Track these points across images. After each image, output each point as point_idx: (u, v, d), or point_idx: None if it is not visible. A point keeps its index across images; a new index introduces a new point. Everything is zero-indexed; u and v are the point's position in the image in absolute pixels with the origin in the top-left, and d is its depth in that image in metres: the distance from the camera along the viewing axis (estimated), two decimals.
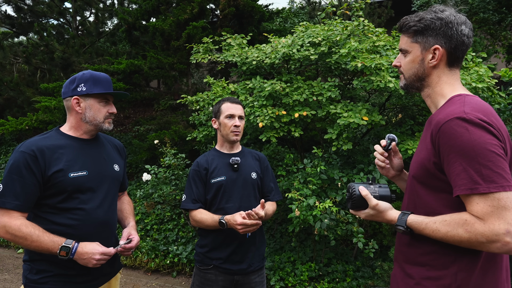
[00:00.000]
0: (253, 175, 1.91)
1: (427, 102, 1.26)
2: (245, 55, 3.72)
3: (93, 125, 1.58)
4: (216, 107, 1.96)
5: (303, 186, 3.10)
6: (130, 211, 1.80)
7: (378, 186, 1.25)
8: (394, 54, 3.04)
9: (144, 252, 4.14)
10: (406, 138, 3.15)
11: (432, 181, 1.13)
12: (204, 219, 1.79)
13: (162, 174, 4.08)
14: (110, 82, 1.60)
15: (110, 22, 8.35)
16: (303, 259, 3.59)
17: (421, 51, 1.19)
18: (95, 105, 1.57)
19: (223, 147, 1.97)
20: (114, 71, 5.22)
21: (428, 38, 1.17)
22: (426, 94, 1.25)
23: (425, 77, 1.21)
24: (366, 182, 1.28)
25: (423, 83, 1.23)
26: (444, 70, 1.20)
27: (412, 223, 1.14)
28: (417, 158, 1.19)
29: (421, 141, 1.21)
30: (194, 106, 3.80)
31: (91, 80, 1.55)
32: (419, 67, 1.20)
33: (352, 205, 1.24)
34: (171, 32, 5.27)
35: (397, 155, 1.40)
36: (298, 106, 3.24)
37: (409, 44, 1.22)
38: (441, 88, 1.20)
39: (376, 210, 1.21)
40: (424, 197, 1.16)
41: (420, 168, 1.16)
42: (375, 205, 1.20)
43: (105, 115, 1.60)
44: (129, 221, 1.75)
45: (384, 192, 1.24)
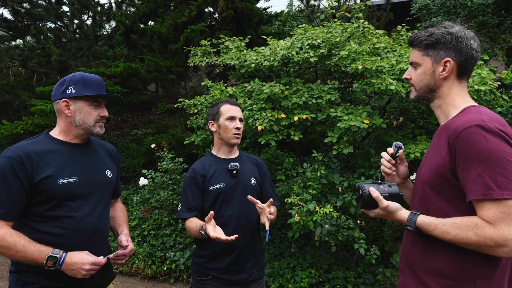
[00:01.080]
0: (252, 181, 1.84)
1: (436, 112, 1.29)
2: (243, 58, 3.67)
3: (83, 129, 1.52)
4: (214, 109, 1.88)
5: (303, 191, 3.03)
6: (124, 218, 1.73)
7: (388, 185, 1.25)
8: (394, 56, 3.00)
9: (141, 258, 4.05)
10: (408, 141, 3.09)
11: (447, 188, 1.14)
12: (191, 228, 1.70)
13: (159, 179, 4.02)
14: (102, 84, 1.54)
15: (108, 25, 8.29)
16: (303, 265, 3.51)
17: (432, 63, 1.23)
18: (85, 108, 1.50)
19: (221, 151, 1.89)
20: (111, 74, 5.16)
21: (439, 52, 1.22)
22: (436, 105, 1.27)
23: (436, 89, 1.25)
24: (375, 181, 1.26)
25: (434, 94, 1.26)
26: (454, 82, 1.23)
27: (422, 224, 1.15)
28: (431, 165, 1.20)
29: (434, 148, 1.23)
30: (192, 109, 3.74)
31: (81, 82, 1.49)
32: (430, 79, 1.24)
33: (362, 205, 1.24)
34: (169, 35, 5.22)
35: (403, 162, 1.42)
36: (298, 109, 3.19)
37: (420, 57, 1.26)
38: (453, 99, 1.23)
39: (386, 211, 1.21)
40: (437, 204, 1.17)
41: (434, 175, 1.16)
42: (385, 207, 1.21)
43: (96, 119, 1.53)
44: (122, 229, 1.67)
45: (394, 191, 1.24)
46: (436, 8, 6.54)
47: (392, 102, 3.78)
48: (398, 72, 2.87)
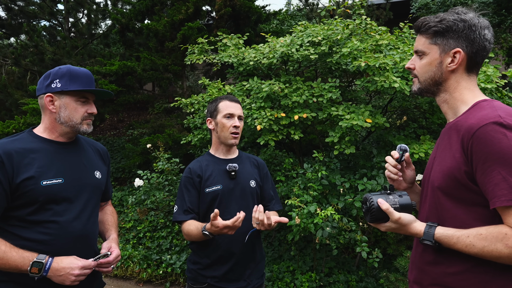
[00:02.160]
0: (252, 184, 1.72)
1: (442, 108, 1.17)
2: (241, 55, 3.57)
3: (69, 127, 1.40)
4: (212, 106, 1.77)
5: (303, 192, 2.93)
6: (113, 222, 1.61)
7: (398, 195, 1.12)
8: (398, 53, 2.91)
9: (136, 261, 3.94)
10: (411, 141, 3.00)
11: (462, 193, 1.03)
12: (190, 231, 1.60)
13: (155, 180, 3.90)
14: (91, 78, 1.42)
15: (104, 23, 8.17)
16: (303, 268, 3.41)
17: (440, 53, 1.11)
18: (71, 104, 1.38)
19: (219, 151, 1.77)
20: (106, 73, 5.05)
21: (449, 41, 1.09)
22: (442, 99, 1.15)
23: (442, 82, 1.13)
24: (384, 192, 1.13)
25: (440, 87, 1.14)
26: (463, 75, 1.11)
27: (441, 237, 1.03)
28: (442, 168, 1.08)
29: (444, 149, 1.11)
30: (188, 108, 3.64)
31: (67, 75, 1.37)
32: (437, 71, 1.12)
33: (371, 219, 1.11)
34: (166, 33, 5.12)
35: (410, 166, 1.30)
36: (298, 108, 3.09)
37: (427, 45, 1.13)
38: (461, 93, 1.11)
39: (398, 224, 1.08)
40: (452, 210, 1.05)
41: (447, 178, 1.05)
42: (397, 219, 1.08)
43: (83, 116, 1.41)
44: (110, 234, 1.55)
45: (405, 201, 1.11)
46: (436, 7, 6.48)
47: (394, 101, 3.70)
48: (402, 69, 2.78)
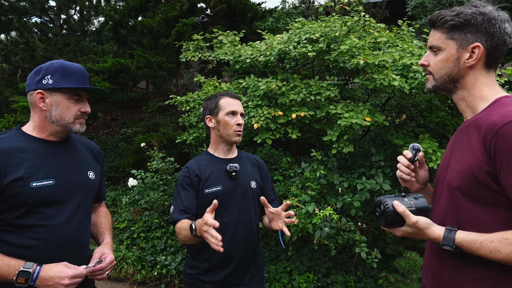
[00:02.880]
0: (253, 184, 1.66)
1: (460, 106, 1.11)
2: (238, 53, 3.51)
3: (61, 126, 1.32)
4: (212, 103, 1.68)
5: (301, 192, 2.89)
6: (107, 225, 1.54)
7: (413, 197, 1.06)
8: (397, 51, 2.87)
9: (130, 263, 3.86)
10: (410, 140, 2.97)
11: (483, 194, 0.97)
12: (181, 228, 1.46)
13: (149, 179, 3.83)
14: (85, 75, 1.34)
15: (97, 20, 8.03)
16: (301, 269, 3.37)
17: (457, 49, 1.05)
18: (64, 102, 1.30)
19: (218, 150, 1.69)
20: (99, 70, 4.94)
21: (467, 35, 1.04)
22: (459, 97, 1.10)
23: (459, 78, 1.07)
24: (398, 194, 1.08)
25: (457, 84, 1.09)
26: (482, 71, 1.06)
27: (463, 242, 0.97)
28: (461, 167, 1.02)
29: (462, 148, 1.05)
30: (184, 107, 3.56)
31: (60, 71, 1.29)
32: (454, 67, 1.07)
33: (386, 223, 1.05)
34: (160, 30, 5.03)
35: (423, 166, 1.23)
36: (295, 106, 3.04)
37: (443, 40, 1.07)
38: (480, 90, 1.06)
39: (415, 228, 1.02)
40: (472, 212, 0.99)
41: (466, 179, 0.99)
42: (414, 223, 1.01)
43: (76, 115, 1.33)
44: (104, 237, 1.47)
45: (421, 204, 1.05)
46: (432, 5, 6.48)
47: (391, 99, 3.66)
48: (401, 67, 2.75)
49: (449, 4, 6.39)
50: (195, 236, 1.39)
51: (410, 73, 2.68)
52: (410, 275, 2.36)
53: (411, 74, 2.67)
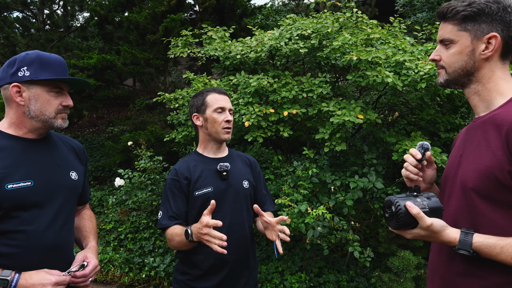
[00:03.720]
0: (245, 184, 1.59)
1: (472, 100, 1.06)
2: (228, 49, 3.43)
3: (41, 122, 1.22)
4: (199, 100, 1.61)
5: (293, 191, 2.83)
6: (92, 228, 1.44)
7: (426, 197, 0.99)
8: (389, 48, 2.84)
9: (117, 265, 3.75)
10: (401, 138, 2.95)
11: (503, 195, 0.91)
12: (174, 234, 1.42)
13: (136, 179, 3.72)
14: (64, 66, 1.25)
15: (82, 16, 7.81)
16: (292, 269, 3.32)
17: (472, 40, 1.00)
18: (43, 95, 1.20)
19: (207, 149, 1.61)
20: (84, 66, 4.79)
21: (481, 25, 0.98)
22: (473, 91, 1.04)
23: (474, 72, 1.02)
24: (409, 194, 1.00)
25: (471, 78, 1.03)
26: (497, 63, 1.01)
27: (481, 247, 0.91)
28: (477, 167, 0.96)
29: (478, 145, 0.99)
30: (172, 104, 3.47)
31: (37, 62, 1.19)
32: (469, 60, 1.01)
33: (398, 225, 0.97)
34: (147, 25, 4.90)
35: (432, 165, 1.17)
36: (287, 104, 2.98)
37: (455, 33, 1.02)
38: (496, 84, 1.01)
39: (429, 231, 0.95)
40: (489, 215, 0.94)
41: (484, 179, 0.93)
42: (429, 226, 0.94)
43: (57, 109, 1.23)
44: (88, 242, 1.37)
45: (434, 204, 0.98)
46: (420, 4, 6.52)
47: (382, 97, 3.64)
48: (394, 64, 2.71)
49: (437, 3, 6.44)
50: (190, 242, 1.33)
51: (403, 70, 2.65)
52: (404, 274, 2.34)
53: (404, 71, 2.64)
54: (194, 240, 1.32)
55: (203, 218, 1.25)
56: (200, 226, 1.26)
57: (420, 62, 2.63)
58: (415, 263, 2.34)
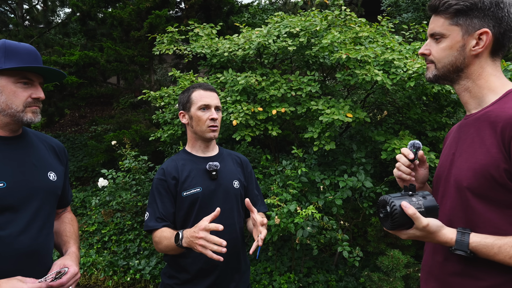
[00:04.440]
0: (236, 184, 1.53)
1: (463, 97, 1.04)
2: (215, 46, 3.37)
3: (9, 116, 1.13)
4: (185, 97, 1.54)
5: (282, 190, 2.80)
6: (73, 233, 1.35)
7: (421, 196, 0.96)
8: (378, 46, 2.83)
9: (100, 268, 3.63)
10: (390, 136, 2.95)
11: (498, 194, 0.89)
12: (163, 237, 1.35)
13: (121, 179, 3.61)
14: (35, 55, 1.15)
15: (63, 12, 7.57)
16: (281, 269, 3.29)
17: (463, 35, 0.97)
18: (9, 87, 1.11)
19: (196, 148, 1.55)
20: (65, 63, 4.63)
21: (473, 20, 0.95)
22: (463, 87, 1.02)
23: (463, 68, 1.00)
24: (404, 193, 0.97)
25: (460, 74, 1.01)
26: (487, 60, 0.98)
27: (479, 247, 0.88)
28: (472, 165, 0.94)
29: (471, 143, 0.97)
30: (158, 102, 3.38)
31: (1, 50, 1.09)
32: (458, 55, 0.99)
33: (393, 225, 0.94)
34: (131, 22, 4.77)
35: (424, 164, 1.14)
36: (276, 102, 2.94)
37: (446, 27, 0.99)
38: (487, 81, 0.98)
39: (425, 231, 0.92)
40: (484, 214, 0.91)
41: (479, 178, 0.91)
42: (425, 226, 0.91)
43: (26, 102, 1.14)
44: (68, 247, 1.28)
45: (430, 203, 0.95)
46: (405, 5, 6.61)
47: (369, 96, 3.65)
48: (383, 62, 2.71)
49: (422, 3, 6.53)
50: (179, 246, 1.27)
51: (392, 68, 2.65)
52: (394, 273, 2.33)
53: (392, 70, 2.64)
54: (182, 245, 1.27)
55: (202, 222, 1.20)
56: (195, 230, 1.20)
57: (409, 61, 2.63)
58: (404, 262, 2.34)
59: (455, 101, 3.20)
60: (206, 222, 1.21)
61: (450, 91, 2.81)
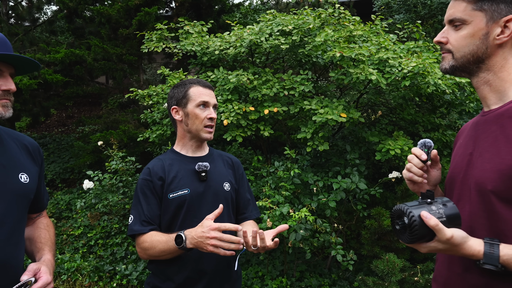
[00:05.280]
0: (226, 186, 1.43)
1: (481, 91, 0.94)
2: (206, 44, 3.27)
3: None
4: (180, 92, 1.43)
5: (274, 192, 2.71)
6: (48, 239, 1.23)
7: (441, 203, 0.85)
8: (372, 45, 2.78)
9: (85, 274, 3.50)
10: (384, 137, 2.89)
11: None
12: (155, 241, 1.26)
13: (107, 181, 3.48)
14: (5, 42, 1.04)
15: (50, 10, 7.37)
16: (273, 273, 3.20)
17: (487, 22, 0.88)
18: None
19: (186, 147, 1.45)
20: (51, 61, 4.48)
21: (500, 6, 0.87)
22: (482, 80, 0.93)
23: (485, 58, 0.90)
24: (422, 201, 0.85)
25: (481, 66, 0.91)
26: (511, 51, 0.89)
27: (511, 260, 0.78)
28: (497, 166, 0.84)
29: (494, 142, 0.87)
30: (146, 101, 3.27)
31: None
32: (481, 44, 0.89)
33: (412, 238, 0.82)
34: (119, 19, 4.65)
35: (437, 165, 1.04)
36: (268, 102, 2.86)
37: (469, 12, 0.89)
38: (510, 73, 0.89)
39: (449, 244, 0.81)
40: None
41: (506, 180, 0.82)
42: (449, 238, 0.80)
43: None
44: (43, 254, 1.17)
45: (452, 211, 0.84)
46: (397, 6, 6.62)
47: (363, 97, 3.60)
48: (377, 61, 2.65)
49: (414, 5, 6.55)
50: (182, 249, 1.20)
51: (387, 67, 2.59)
52: (389, 278, 2.27)
53: (387, 69, 2.58)
54: (187, 247, 1.19)
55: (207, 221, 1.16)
56: (204, 230, 1.14)
57: (404, 60, 2.58)
58: (400, 266, 2.27)
59: (448, 102, 3.16)
60: (211, 222, 1.16)
61: (444, 92, 2.77)
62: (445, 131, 3.06)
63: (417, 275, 2.37)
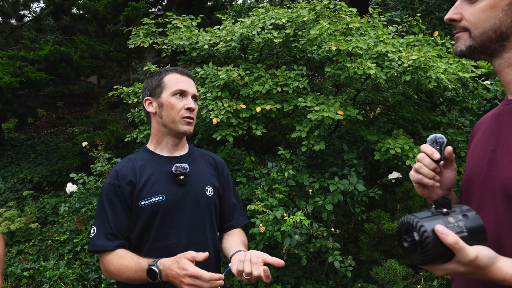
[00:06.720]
0: (209, 191, 1.25)
1: (506, 75, 0.77)
2: (195, 39, 3.11)
3: None
4: (154, 80, 1.25)
5: (267, 195, 2.55)
6: None
7: (461, 214, 0.67)
8: (370, 38, 2.62)
9: (69, 282, 3.31)
10: (383, 136, 2.74)
11: None
12: (123, 267, 1.07)
13: (92, 184, 3.30)
14: None
15: (38, 7, 7.17)
16: None
17: None
18: None
19: (161, 145, 1.26)
20: (34, 59, 4.29)
21: None
22: (507, 61, 0.76)
23: (510, 34, 0.74)
24: (436, 210, 0.68)
25: (505, 43, 0.75)
26: None
27: None
28: None
29: None
30: (131, 98, 3.10)
31: None
32: (504, 17, 0.73)
33: (425, 259, 0.64)
34: (107, 15, 4.47)
35: (452, 165, 0.86)
36: (260, 99, 2.70)
37: None
38: None
39: (472, 267, 0.63)
40: None
41: None
42: (472, 260, 0.62)
43: None
44: None
45: (475, 223, 0.66)
46: (394, 3, 6.51)
47: (360, 94, 3.45)
48: (376, 55, 2.50)
49: (410, 2, 6.44)
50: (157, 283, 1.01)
51: (386, 62, 2.44)
52: (390, 286, 2.11)
53: (386, 63, 2.43)
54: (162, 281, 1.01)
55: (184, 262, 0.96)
56: (180, 272, 0.95)
57: (403, 54, 2.43)
58: (402, 273, 2.12)
59: (449, 99, 3.02)
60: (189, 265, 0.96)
61: (446, 88, 2.63)
62: (446, 130, 2.91)
63: (420, 282, 2.22)
